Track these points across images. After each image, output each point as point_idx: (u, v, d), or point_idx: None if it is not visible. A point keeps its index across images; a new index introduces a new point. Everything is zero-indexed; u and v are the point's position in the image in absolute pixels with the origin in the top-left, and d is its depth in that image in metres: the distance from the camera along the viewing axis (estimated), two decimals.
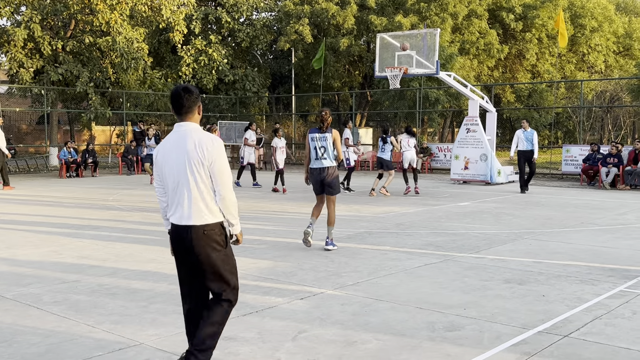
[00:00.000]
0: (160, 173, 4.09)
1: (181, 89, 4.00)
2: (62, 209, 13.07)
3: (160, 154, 4.07)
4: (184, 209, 3.96)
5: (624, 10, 45.33)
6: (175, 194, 4.00)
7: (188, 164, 3.92)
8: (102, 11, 23.89)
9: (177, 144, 3.98)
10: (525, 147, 16.29)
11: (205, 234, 3.95)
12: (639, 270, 7.40)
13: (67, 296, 6.18)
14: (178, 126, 4.04)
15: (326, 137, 8.66)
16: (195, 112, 4.05)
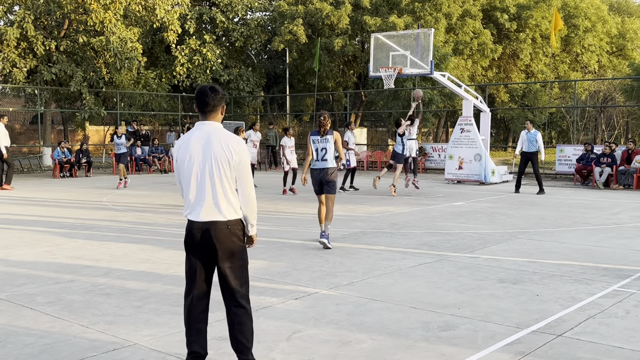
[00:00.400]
0: (180, 169, 4.11)
1: (207, 88, 4.09)
2: (56, 209, 13.03)
3: (182, 151, 4.08)
4: (207, 205, 4.01)
5: (617, 11, 45.49)
6: (198, 190, 4.03)
7: (215, 162, 4.00)
8: (95, 11, 23.83)
9: (202, 142, 4.03)
10: (528, 148, 16.29)
11: (229, 229, 4.05)
12: (632, 269, 7.43)
13: (61, 296, 6.17)
14: (201, 124, 4.10)
15: (327, 139, 8.99)
16: (219, 111, 4.13)
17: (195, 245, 4.07)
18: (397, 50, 17.92)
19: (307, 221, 11.25)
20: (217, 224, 4.01)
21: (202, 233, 4.03)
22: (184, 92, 31.16)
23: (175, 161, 4.16)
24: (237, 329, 4.13)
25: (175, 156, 4.14)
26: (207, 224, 4.02)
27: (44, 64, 25.13)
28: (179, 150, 4.11)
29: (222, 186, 4.02)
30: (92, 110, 25.88)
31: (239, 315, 4.13)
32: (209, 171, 4.01)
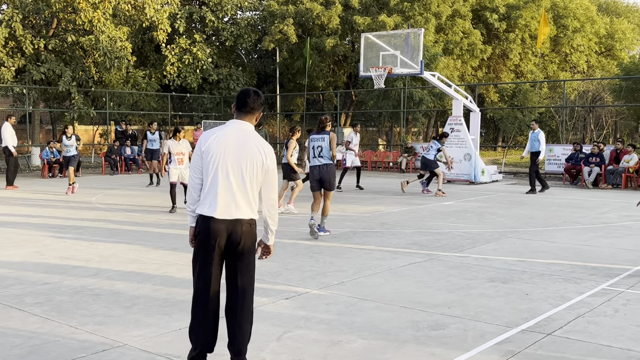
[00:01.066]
0: (205, 159, 4.05)
1: (252, 90, 4.17)
2: (44, 209, 12.95)
3: (215, 142, 4.04)
4: (233, 203, 4.02)
5: (606, 11, 45.77)
6: (224, 187, 4.02)
7: (250, 164, 4.03)
8: (84, 10, 23.69)
9: (240, 140, 4.06)
10: (531, 147, 16.35)
11: (251, 227, 4.10)
12: (620, 268, 7.47)
13: (49, 297, 6.13)
14: (238, 123, 4.14)
15: (324, 137, 9.61)
16: (255, 115, 4.19)
17: (213, 242, 4.03)
18: (387, 50, 17.96)
19: (298, 221, 11.25)
20: (242, 222, 4.05)
21: (227, 231, 4.02)
22: (174, 91, 31.05)
23: (199, 149, 4.09)
24: (237, 333, 4.12)
25: (204, 146, 4.06)
26: (233, 222, 4.02)
27: (32, 63, 24.97)
28: (211, 141, 4.06)
29: (251, 187, 4.06)
30: (81, 110, 25.75)
31: (244, 315, 4.13)
32: (242, 171, 4.03)
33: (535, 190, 16.31)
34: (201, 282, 4.11)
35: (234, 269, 4.09)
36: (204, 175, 4.08)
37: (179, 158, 12.45)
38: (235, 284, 4.11)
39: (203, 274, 4.09)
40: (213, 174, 4.04)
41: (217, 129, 4.15)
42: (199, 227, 4.08)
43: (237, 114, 4.17)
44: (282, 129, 33.96)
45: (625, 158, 18.01)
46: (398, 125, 31.10)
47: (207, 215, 4.03)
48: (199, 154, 4.09)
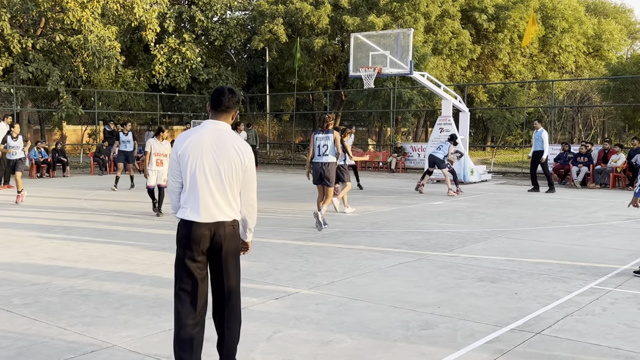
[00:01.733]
0: (183, 162, 3.98)
1: (226, 88, 4.09)
2: (33, 209, 12.87)
3: (192, 145, 3.96)
4: (215, 205, 3.95)
5: (594, 12, 46.06)
6: (205, 188, 3.94)
7: (227, 164, 3.96)
8: (73, 9, 23.56)
9: (217, 141, 3.97)
10: (534, 147, 16.43)
11: (234, 229, 4.04)
12: (608, 267, 7.52)
13: (37, 298, 6.09)
14: (214, 123, 4.05)
15: (328, 136, 10.31)
16: (231, 114, 4.11)
17: (198, 247, 3.94)
18: (376, 50, 17.99)
19: (287, 221, 11.24)
20: (225, 224, 3.97)
21: (210, 234, 3.95)
22: (163, 91, 30.95)
23: (175, 153, 4.01)
24: (227, 336, 4.08)
25: (179, 149, 3.99)
26: (215, 225, 3.95)
27: (20, 63, 24.80)
28: (186, 144, 3.97)
29: (230, 188, 3.98)
30: (70, 110, 25.60)
31: (232, 319, 4.08)
32: (221, 172, 3.95)
33: (539, 188, 16.47)
34: (187, 287, 3.99)
35: (219, 271, 4.03)
36: (183, 179, 4.00)
37: (158, 159, 12.01)
38: (221, 286, 4.05)
39: (189, 279, 3.97)
40: (191, 177, 3.95)
41: (192, 131, 4.05)
42: (180, 232, 3.99)
43: (213, 113, 4.08)
44: (271, 129, 33.98)
45: (613, 158, 18.13)
46: (388, 125, 31.16)
47: (189, 220, 3.94)
48: (176, 158, 4.01)
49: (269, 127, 34.64)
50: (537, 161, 16.35)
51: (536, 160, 16.39)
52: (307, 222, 11.13)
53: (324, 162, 10.34)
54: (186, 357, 3.96)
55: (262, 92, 35.26)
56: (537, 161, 16.37)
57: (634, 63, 31.14)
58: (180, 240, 3.99)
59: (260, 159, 29.93)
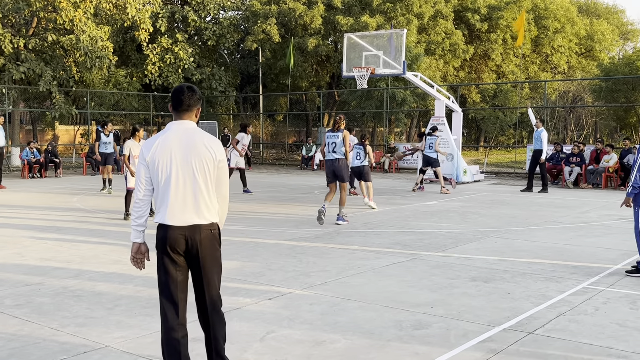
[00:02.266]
0: (153, 169, 3.85)
1: (185, 87, 3.96)
2: (25, 210, 12.82)
3: (159, 151, 3.84)
4: (190, 208, 3.83)
5: (586, 13, 46.24)
6: (179, 192, 3.82)
7: (199, 163, 3.84)
8: (65, 9, 23.48)
9: (184, 141, 3.85)
10: (534, 146, 16.47)
11: (212, 233, 3.92)
12: (600, 267, 7.55)
13: (30, 299, 6.06)
14: (178, 124, 3.92)
15: (338, 135, 10.91)
16: (194, 112, 3.97)
17: (175, 251, 3.85)
18: (370, 51, 18.00)
19: (280, 221, 11.23)
20: (201, 228, 3.84)
21: (185, 238, 3.84)
22: (156, 91, 30.88)
23: (144, 160, 3.87)
24: (215, 337, 4.03)
25: (147, 155, 3.85)
26: (191, 229, 3.82)
27: (12, 63, 24.70)
28: (154, 149, 3.85)
29: (206, 187, 3.87)
30: (62, 110, 25.51)
31: (217, 322, 4.01)
32: (193, 172, 3.83)
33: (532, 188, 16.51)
34: (168, 291, 3.91)
35: (199, 278, 3.93)
36: (155, 185, 3.87)
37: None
38: (203, 293, 3.96)
39: (168, 285, 3.90)
40: (164, 181, 3.83)
41: (157, 135, 3.94)
42: (157, 236, 3.90)
43: (176, 114, 3.94)
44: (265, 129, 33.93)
45: (605, 158, 18.20)
46: (381, 126, 31.18)
47: (164, 224, 3.84)
48: (144, 164, 3.86)
49: (262, 127, 34.59)
50: (537, 160, 16.40)
51: (536, 159, 16.43)
52: (300, 222, 11.13)
53: (335, 158, 10.90)
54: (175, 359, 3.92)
55: (256, 92, 35.23)
56: (536, 160, 16.42)
57: (625, 63, 31.29)
58: (157, 244, 3.90)
59: (254, 159, 29.91)
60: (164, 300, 3.92)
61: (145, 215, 3.96)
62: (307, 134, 34.51)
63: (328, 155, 10.98)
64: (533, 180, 16.79)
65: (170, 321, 3.90)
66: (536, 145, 16.35)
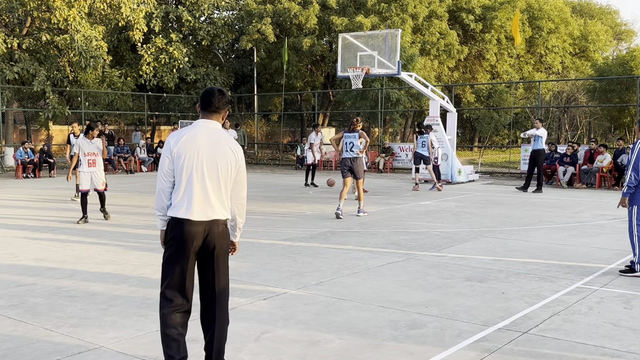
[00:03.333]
0: (177, 162, 3.96)
1: (216, 89, 4.12)
2: (19, 210, 12.78)
3: (186, 144, 3.96)
4: (208, 204, 3.96)
5: (580, 13, 46.39)
6: (200, 187, 3.95)
7: (223, 163, 4.00)
8: (59, 8, 23.40)
9: (211, 140, 4.00)
10: (533, 146, 16.49)
11: (226, 228, 4.09)
12: (594, 266, 7.58)
13: (24, 299, 6.04)
14: (206, 122, 4.07)
15: (355, 135, 11.91)
16: (221, 114, 4.14)
17: (190, 244, 3.93)
18: (364, 51, 18.01)
19: (275, 221, 11.23)
20: (218, 223, 4.00)
21: (202, 232, 3.95)
22: (150, 91, 30.83)
23: (169, 152, 3.98)
24: (219, 335, 4.07)
25: (175, 147, 3.96)
26: (209, 223, 3.96)
27: (5, 63, 24.61)
28: (182, 143, 3.97)
29: (225, 187, 4.03)
30: (56, 110, 25.43)
31: (222, 318, 4.08)
32: (218, 171, 3.98)
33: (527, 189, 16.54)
34: (176, 287, 4.00)
35: (211, 271, 4.04)
36: (177, 178, 3.98)
37: (90, 159, 11.12)
38: (212, 286, 4.05)
39: (180, 278, 3.98)
40: (188, 176, 3.95)
41: (185, 130, 4.06)
42: (172, 230, 3.96)
43: (203, 114, 4.11)
44: (260, 129, 33.90)
45: (599, 158, 18.27)
46: (376, 126, 31.21)
47: (183, 218, 3.93)
48: (169, 157, 3.98)
49: (257, 127, 34.57)
50: (536, 160, 16.42)
51: (534, 160, 16.45)
52: (295, 222, 11.13)
53: (352, 157, 11.86)
54: (175, 355, 3.96)
55: (250, 92, 35.19)
56: (535, 160, 16.44)
57: (619, 64, 31.39)
58: (173, 239, 3.96)
59: (249, 159, 29.89)
60: (169, 291, 4.00)
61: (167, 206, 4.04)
62: (301, 134, 34.51)
63: (345, 153, 11.94)
64: (531, 180, 16.80)
65: (172, 317, 3.97)
66: (536, 146, 16.36)
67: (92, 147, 11.20)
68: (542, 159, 16.58)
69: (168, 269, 4.01)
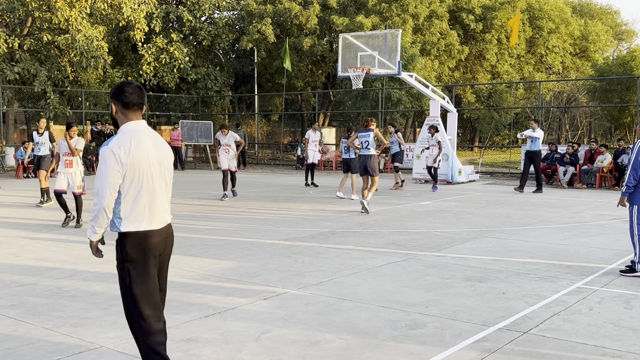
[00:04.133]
0: (134, 171, 3.66)
1: (135, 83, 3.78)
2: (20, 209, 12.78)
3: (138, 152, 3.66)
4: (165, 210, 3.83)
5: (580, 13, 46.37)
6: (157, 195, 3.76)
7: (167, 164, 3.85)
8: (61, 9, 23.41)
9: (154, 142, 3.78)
10: (530, 147, 16.49)
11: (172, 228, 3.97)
12: (595, 267, 7.58)
13: (24, 299, 6.05)
14: (138, 123, 3.76)
15: (369, 134, 12.40)
16: (143, 110, 3.86)
17: (155, 254, 3.75)
18: (365, 51, 18.01)
19: (276, 221, 11.23)
20: (170, 225, 3.89)
21: (164, 240, 3.81)
22: (151, 91, 30.84)
23: (119, 165, 3.60)
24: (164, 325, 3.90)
25: (126, 159, 3.61)
26: (165, 228, 3.81)
27: (6, 63, 24.62)
28: (132, 153, 3.64)
29: (169, 186, 3.90)
30: (57, 110, 25.44)
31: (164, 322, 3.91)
32: (165, 173, 3.82)
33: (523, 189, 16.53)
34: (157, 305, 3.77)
35: (164, 274, 3.92)
36: (131, 189, 3.66)
37: (67, 160, 10.63)
38: (164, 290, 3.94)
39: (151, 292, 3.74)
40: (145, 185, 3.70)
41: (126, 137, 3.68)
42: (135, 246, 3.68)
43: (128, 112, 3.73)
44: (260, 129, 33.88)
45: (599, 158, 18.26)
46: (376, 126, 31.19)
47: (147, 230, 3.69)
48: (121, 169, 3.61)
49: (258, 127, 34.58)
50: (532, 160, 16.42)
51: (531, 160, 16.45)
52: (296, 222, 11.14)
53: (367, 154, 12.35)
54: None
55: (251, 92, 35.20)
56: (532, 161, 16.44)
57: (619, 64, 31.40)
58: (140, 254, 3.69)
59: (249, 159, 29.90)
60: (145, 308, 3.72)
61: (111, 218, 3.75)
62: (302, 134, 34.51)
63: (362, 151, 12.51)
64: (527, 180, 16.79)
65: (155, 325, 3.75)
66: (532, 147, 16.35)
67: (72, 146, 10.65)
68: (539, 160, 16.57)
69: (139, 284, 3.71)
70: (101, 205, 3.64)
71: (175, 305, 5.79)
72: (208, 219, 11.48)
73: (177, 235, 9.61)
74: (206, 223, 10.96)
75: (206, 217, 11.68)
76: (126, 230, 3.68)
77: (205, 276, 7.00)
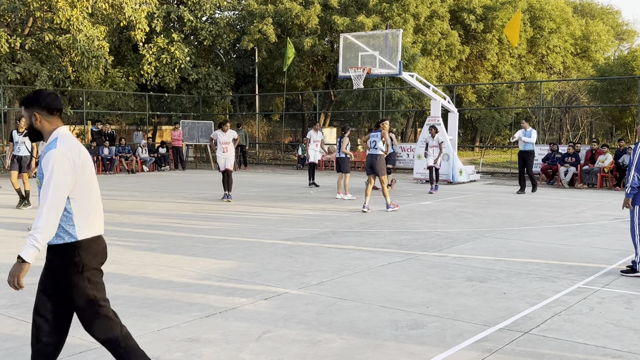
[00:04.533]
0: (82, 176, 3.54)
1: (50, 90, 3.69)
2: (20, 209, 12.78)
3: (85, 156, 3.56)
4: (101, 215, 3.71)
5: (581, 13, 46.34)
6: (96, 201, 3.65)
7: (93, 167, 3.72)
8: (62, 8, 23.42)
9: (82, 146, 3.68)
10: (523, 147, 16.47)
11: None
12: (596, 267, 7.57)
13: (25, 299, 6.05)
14: (65, 128, 3.64)
15: (377, 134, 12.67)
16: None
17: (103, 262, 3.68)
18: (366, 51, 18.01)
19: (276, 221, 11.23)
20: None
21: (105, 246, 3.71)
22: (152, 91, 30.85)
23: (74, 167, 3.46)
24: None
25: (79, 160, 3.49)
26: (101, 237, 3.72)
27: (7, 63, 24.63)
28: (82, 155, 3.53)
29: None
30: None
31: None
32: (95, 175, 3.71)
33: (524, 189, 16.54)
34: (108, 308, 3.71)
35: None
36: (80, 193, 3.52)
37: None
38: None
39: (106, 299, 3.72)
40: (93, 189, 3.61)
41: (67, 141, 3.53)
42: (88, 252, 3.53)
43: (56, 119, 3.61)
44: (261, 129, 33.88)
45: (600, 158, 18.25)
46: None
47: (99, 235, 3.62)
48: (74, 173, 3.46)
49: (259, 127, 34.59)
50: (525, 160, 16.41)
51: (525, 161, 16.43)
52: (296, 222, 11.14)
53: (374, 154, 12.62)
54: None
55: (252, 92, 35.20)
56: (526, 161, 16.42)
57: (621, 64, 31.38)
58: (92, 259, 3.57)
59: (250, 159, 29.90)
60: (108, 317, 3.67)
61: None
62: (303, 134, 34.52)
63: (369, 151, 12.76)
64: (526, 181, 16.78)
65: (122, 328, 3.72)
66: (525, 147, 16.36)
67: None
68: (532, 159, 16.55)
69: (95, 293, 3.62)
70: (55, 214, 3.39)
71: (175, 305, 5.79)
72: (209, 218, 11.48)
73: (178, 235, 9.64)
74: (207, 223, 10.97)
75: (207, 217, 11.68)
76: (83, 238, 3.51)
77: (206, 276, 7.00)
